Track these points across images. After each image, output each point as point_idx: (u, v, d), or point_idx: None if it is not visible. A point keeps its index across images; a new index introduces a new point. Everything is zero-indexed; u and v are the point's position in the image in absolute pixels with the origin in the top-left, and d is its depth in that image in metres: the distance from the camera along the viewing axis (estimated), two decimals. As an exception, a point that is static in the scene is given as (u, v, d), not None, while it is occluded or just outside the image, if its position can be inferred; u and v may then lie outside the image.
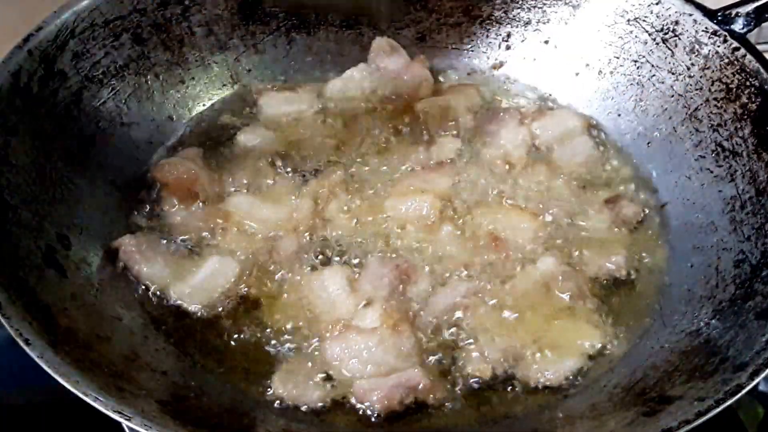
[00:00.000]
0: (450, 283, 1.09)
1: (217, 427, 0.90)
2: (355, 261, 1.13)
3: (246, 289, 1.09)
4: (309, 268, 1.12)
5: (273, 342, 1.04)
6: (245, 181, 1.23)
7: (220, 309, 1.07)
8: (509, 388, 1.00)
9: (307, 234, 1.15)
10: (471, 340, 1.03)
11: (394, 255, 1.13)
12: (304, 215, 1.17)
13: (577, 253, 1.14)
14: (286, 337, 1.04)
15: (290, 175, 1.25)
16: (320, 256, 1.13)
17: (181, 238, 1.15)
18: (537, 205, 1.19)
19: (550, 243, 1.15)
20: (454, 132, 1.32)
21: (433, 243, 1.14)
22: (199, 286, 1.08)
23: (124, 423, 0.80)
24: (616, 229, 1.18)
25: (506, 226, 1.16)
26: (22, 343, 0.84)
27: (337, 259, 1.13)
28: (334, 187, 1.21)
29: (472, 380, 1.00)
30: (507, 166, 1.25)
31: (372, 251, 1.14)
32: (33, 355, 0.83)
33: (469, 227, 1.17)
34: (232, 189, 1.22)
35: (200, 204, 1.18)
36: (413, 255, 1.13)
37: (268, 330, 1.05)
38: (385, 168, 1.26)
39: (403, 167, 1.26)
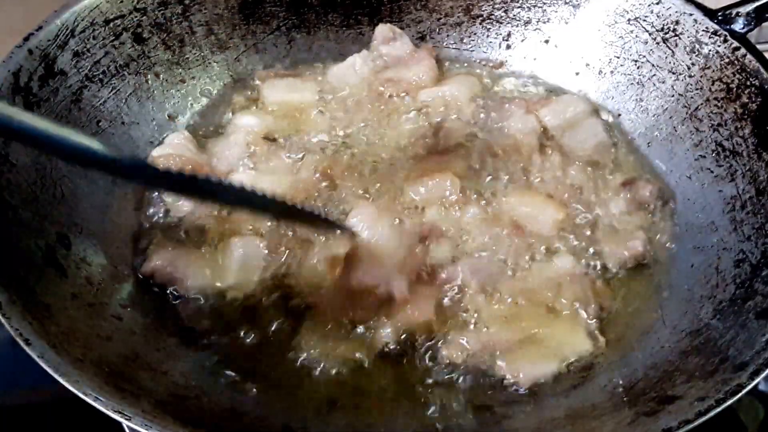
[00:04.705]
0: (464, 263, 1.09)
1: (217, 427, 0.90)
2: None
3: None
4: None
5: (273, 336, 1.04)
6: (241, 159, 1.23)
7: (267, 287, 1.08)
8: (508, 388, 1.00)
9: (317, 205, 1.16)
10: (459, 326, 1.03)
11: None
12: (311, 186, 1.17)
13: (595, 242, 1.14)
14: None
15: (289, 150, 1.25)
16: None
17: (195, 229, 1.15)
18: (554, 188, 1.19)
19: (571, 232, 1.14)
20: (462, 119, 1.31)
21: (455, 224, 1.14)
22: (238, 272, 1.08)
23: (124, 423, 0.80)
24: (633, 213, 1.18)
25: (529, 213, 1.15)
26: (22, 343, 0.84)
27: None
28: (342, 172, 1.21)
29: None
30: (518, 153, 1.25)
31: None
32: (33, 355, 0.83)
33: (490, 212, 1.16)
34: (229, 168, 1.22)
35: None
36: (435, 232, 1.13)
37: (272, 331, 1.05)
38: (394, 153, 1.26)
39: (412, 152, 1.26)
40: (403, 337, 1.03)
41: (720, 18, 1.20)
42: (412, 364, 1.02)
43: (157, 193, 1.20)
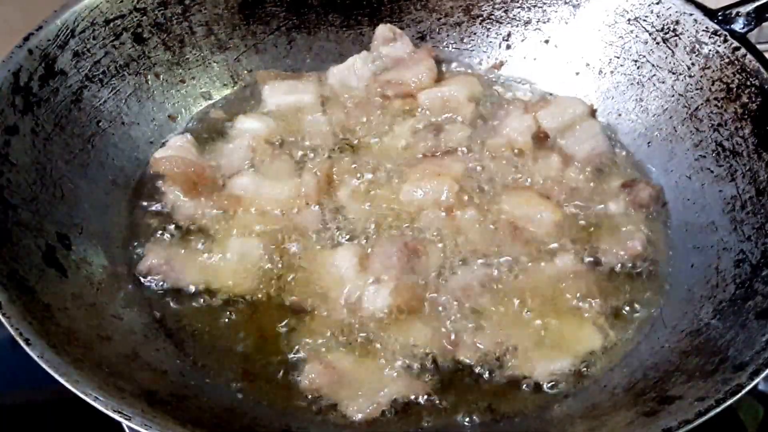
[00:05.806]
0: (465, 267, 1.09)
1: (217, 427, 0.90)
2: (366, 241, 1.13)
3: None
4: (320, 247, 1.12)
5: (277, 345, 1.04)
6: (245, 162, 1.23)
7: (263, 289, 1.08)
8: (509, 387, 1.00)
9: (317, 209, 1.16)
10: (470, 328, 1.03)
11: (405, 234, 1.13)
12: (313, 190, 1.17)
13: (594, 243, 1.14)
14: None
15: (291, 154, 1.25)
16: (333, 234, 1.14)
17: (193, 228, 1.15)
18: (552, 189, 1.19)
19: (570, 232, 1.14)
20: (461, 120, 1.31)
21: (452, 227, 1.14)
22: (235, 272, 1.09)
23: (124, 423, 0.80)
24: (632, 214, 1.18)
25: (526, 214, 1.15)
26: (22, 343, 0.84)
27: (348, 237, 1.14)
28: (343, 174, 1.21)
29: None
30: (517, 154, 1.25)
31: (385, 233, 1.14)
32: (33, 355, 0.83)
33: (488, 214, 1.16)
34: (232, 172, 1.22)
35: (205, 193, 1.18)
36: (428, 236, 1.13)
37: (270, 332, 1.05)
38: (393, 155, 1.26)
39: (411, 153, 1.26)
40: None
41: (720, 18, 1.20)
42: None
43: (156, 192, 1.20)
